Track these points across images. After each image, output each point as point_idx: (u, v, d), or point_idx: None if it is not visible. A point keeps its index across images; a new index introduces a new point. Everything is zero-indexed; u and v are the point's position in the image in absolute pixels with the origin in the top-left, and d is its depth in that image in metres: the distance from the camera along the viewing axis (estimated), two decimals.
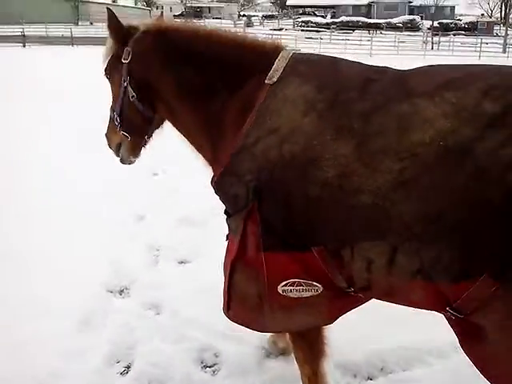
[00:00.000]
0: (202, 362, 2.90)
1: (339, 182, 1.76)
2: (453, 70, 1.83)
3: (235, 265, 2.04)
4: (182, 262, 4.00)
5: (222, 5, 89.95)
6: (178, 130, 2.45)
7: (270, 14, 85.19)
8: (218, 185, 2.07)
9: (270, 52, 2.12)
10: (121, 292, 3.60)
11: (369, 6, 64.38)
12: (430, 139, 1.64)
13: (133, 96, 2.36)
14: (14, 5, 54.80)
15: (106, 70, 2.51)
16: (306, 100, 1.89)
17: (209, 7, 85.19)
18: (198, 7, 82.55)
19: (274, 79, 2.00)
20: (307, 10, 70.57)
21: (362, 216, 1.74)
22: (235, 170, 1.96)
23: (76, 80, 14.45)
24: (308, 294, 1.94)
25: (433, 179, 1.63)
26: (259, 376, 2.75)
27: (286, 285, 1.94)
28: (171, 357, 2.88)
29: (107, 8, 2.42)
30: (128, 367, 2.84)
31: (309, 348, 2.26)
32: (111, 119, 2.52)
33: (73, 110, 9.83)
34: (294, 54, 2.11)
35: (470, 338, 1.74)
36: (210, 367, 2.87)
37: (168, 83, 2.26)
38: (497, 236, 1.57)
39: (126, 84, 2.37)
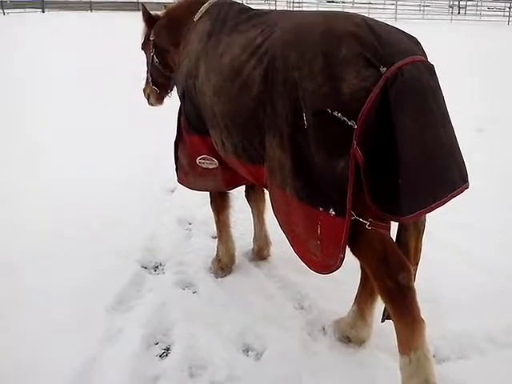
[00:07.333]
0: (243, 346, 2.73)
1: (200, 88, 2.67)
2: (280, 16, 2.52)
3: (177, 144, 3.06)
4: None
5: None
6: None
7: None
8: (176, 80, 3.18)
9: (204, 0, 3.00)
10: (155, 268, 3.46)
11: None
12: (228, 61, 2.44)
13: (157, 61, 3.38)
14: None
15: (142, 46, 3.50)
16: (203, 31, 2.79)
17: None
18: None
19: (197, 18, 2.93)
20: None
21: (206, 111, 2.65)
22: (176, 78, 3.09)
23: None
24: (211, 167, 2.90)
25: (227, 89, 2.40)
26: (305, 360, 2.59)
27: (200, 159, 2.90)
28: (210, 340, 2.72)
29: (142, 4, 3.50)
30: (167, 349, 2.69)
31: (217, 203, 3.28)
32: (146, 78, 3.54)
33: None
34: (215, 1, 2.97)
35: (270, 197, 2.42)
36: (252, 351, 2.69)
37: (168, 43, 3.24)
38: (256, 131, 2.28)
39: (152, 54, 3.38)
